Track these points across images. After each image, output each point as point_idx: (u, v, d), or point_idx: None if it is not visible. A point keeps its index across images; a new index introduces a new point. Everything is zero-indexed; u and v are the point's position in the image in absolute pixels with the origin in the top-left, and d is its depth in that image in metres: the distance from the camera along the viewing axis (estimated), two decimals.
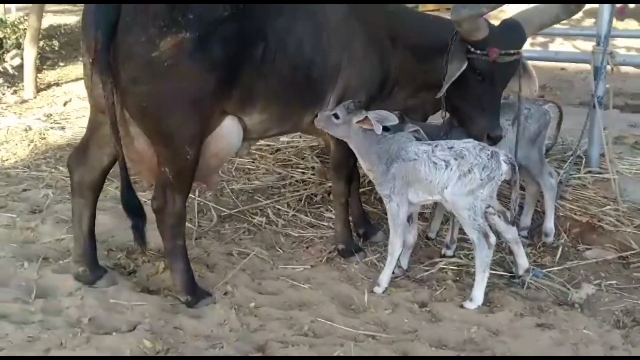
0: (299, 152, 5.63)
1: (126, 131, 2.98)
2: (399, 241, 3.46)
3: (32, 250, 3.75)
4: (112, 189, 4.87)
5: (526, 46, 3.59)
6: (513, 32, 3.47)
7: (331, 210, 4.57)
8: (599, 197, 4.30)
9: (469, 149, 3.27)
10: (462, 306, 3.30)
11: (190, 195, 4.73)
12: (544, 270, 3.65)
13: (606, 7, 4.37)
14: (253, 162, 5.53)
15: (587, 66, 9.49)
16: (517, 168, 3.35)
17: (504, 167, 3.25)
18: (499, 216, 3.49)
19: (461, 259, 3.83)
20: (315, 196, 4.84)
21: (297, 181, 5.11)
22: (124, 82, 2.85)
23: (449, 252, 3.90)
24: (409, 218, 3.54)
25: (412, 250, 3.88)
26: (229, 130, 3.17)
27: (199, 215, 4.54)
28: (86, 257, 3.33)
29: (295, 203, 4.73)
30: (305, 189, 4.93)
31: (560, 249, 3.90)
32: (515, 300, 3.33)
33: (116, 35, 2.78)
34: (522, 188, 4.29)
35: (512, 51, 3.40)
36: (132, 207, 3.06)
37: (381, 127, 3.27)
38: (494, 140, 3.48)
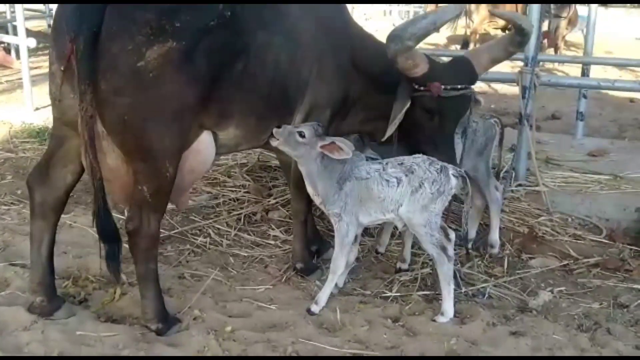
0: (226, 170, 5.47)
1: (98, 146, 2.73)
2: (343, 260, 3.42)
3: None
4: None
5: None
6: (459, 67, 3.53)
7: (274, 229, 4.49)
8: (533, 209, 4.56)
9: (419, 164, 3.31)
10: (434, 320, 3.33)
11: (120, 216, 4.50)
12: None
13: (534, 31, 4.64)
14: None
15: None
16: (468, 181, 3.45)
17: (453, 181, 3.32)
18: (440, 232, 3.54)
19: (418, 271, 3.88)
20: (255, 215, 4.72)
21: (231, 200, 4.96)
22: (104, 93, 2.62)
23: (404, 266, 3.93)
24: (354, 238, 3.53)
25: (366, 266, 3.94)
26: (205, 145, 3.01)
27: None
28: (44, 285, 3.01)
29: (235, 222, 4.58)
30: (242, 208, 4.79)
31: (506, 259, 4.07)
32: (484, 310, 3.41)
33: (98, 43, 2.56)
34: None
35: (457, 86, 3.42)
36: (108, 233, 2.81)
37: (351, 152, 3.22)
38: None
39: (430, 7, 17.24)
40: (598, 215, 4.47)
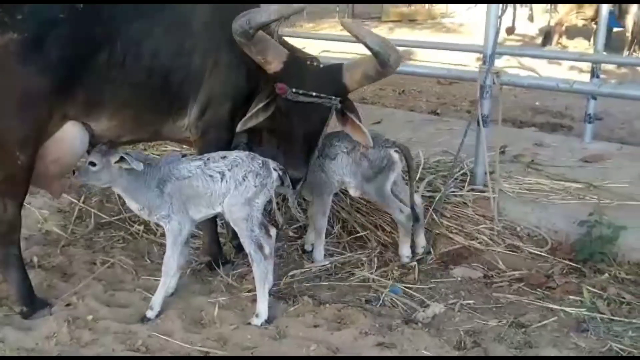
0: None
1: None
2: (175, 262, 3.33)
3: None
4: None
5: None
6: (323, 74, 3.38)
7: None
8: (477, 216, 4.28)
9: (242, 158, 3.29)
10: (249, 323, 3.23)
11: (74, 200, 4.65)
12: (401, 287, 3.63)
13: (492, 28, 4.37)
14: None
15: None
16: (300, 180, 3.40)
17: (274, 175, 3.30)
18: (260, 229, 3.41)
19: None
20: None
21: None
22: None
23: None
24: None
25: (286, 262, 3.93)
26: (70, 135, 3.07)
27: (76, 221, 4.43)
28: None
29: None
30: None
31: (426, 267, 3.88)
32: (365, 318, 3.27)
33: None
34: None
35: (311, 93, 3.26)
36: None
37: (142, 165, 3.12)
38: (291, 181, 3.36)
39: None
40: (547, 227, 4.15)
